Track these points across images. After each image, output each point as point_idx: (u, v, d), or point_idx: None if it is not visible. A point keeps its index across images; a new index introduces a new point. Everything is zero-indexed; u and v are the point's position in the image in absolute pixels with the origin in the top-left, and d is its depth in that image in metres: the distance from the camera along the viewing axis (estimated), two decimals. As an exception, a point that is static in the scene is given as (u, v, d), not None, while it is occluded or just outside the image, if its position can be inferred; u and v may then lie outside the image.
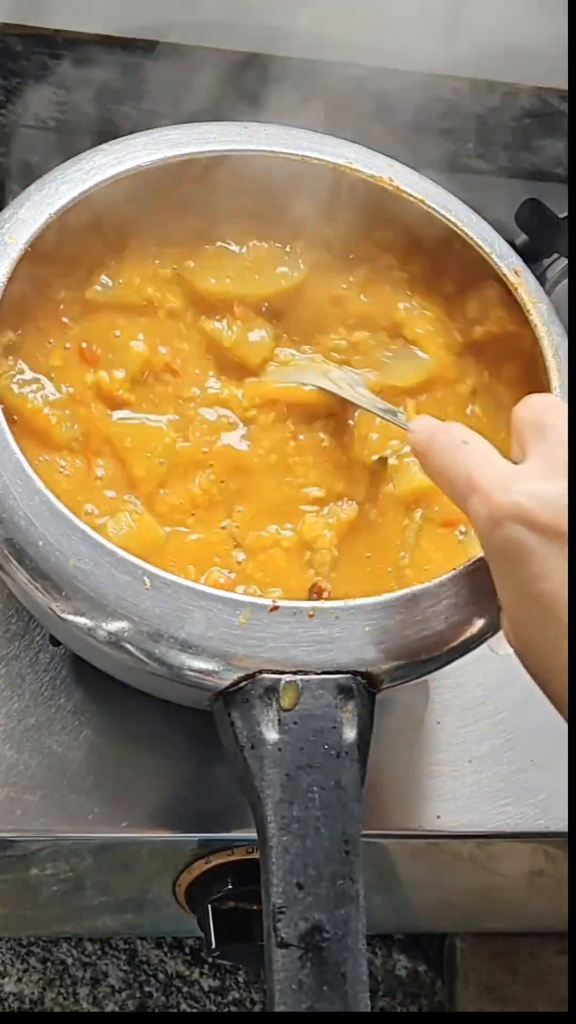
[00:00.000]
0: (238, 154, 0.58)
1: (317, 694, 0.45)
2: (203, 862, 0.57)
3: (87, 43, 0.75)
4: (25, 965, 0.68)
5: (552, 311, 0.58)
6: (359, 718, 0.45)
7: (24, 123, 0.78)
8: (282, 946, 0.41)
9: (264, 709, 0.45)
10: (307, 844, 0.43)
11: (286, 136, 0.60)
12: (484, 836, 0.59)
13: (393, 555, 0.54)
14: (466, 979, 0.71)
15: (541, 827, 0.59)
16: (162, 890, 0.60)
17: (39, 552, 0.46)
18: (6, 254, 0.52)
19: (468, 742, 0.61)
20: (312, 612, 0.46)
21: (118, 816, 0.55)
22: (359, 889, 0.43)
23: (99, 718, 0.57)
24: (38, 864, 0.57)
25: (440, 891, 0.67)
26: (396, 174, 0.60)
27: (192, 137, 0.58)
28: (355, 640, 0.46)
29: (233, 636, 0.45)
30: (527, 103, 0.81)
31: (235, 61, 0.76)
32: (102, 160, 0.56)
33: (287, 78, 0.78)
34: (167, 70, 0.77)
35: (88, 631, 0.46)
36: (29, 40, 0.74)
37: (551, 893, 0.66)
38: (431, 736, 0.61)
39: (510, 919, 0.71)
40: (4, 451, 0.47)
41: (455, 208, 0.60)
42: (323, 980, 0.41)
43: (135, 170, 0.56)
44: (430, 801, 0.59)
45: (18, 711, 0.57)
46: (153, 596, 0.45)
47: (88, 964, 0.69)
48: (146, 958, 0.69)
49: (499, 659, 0.63)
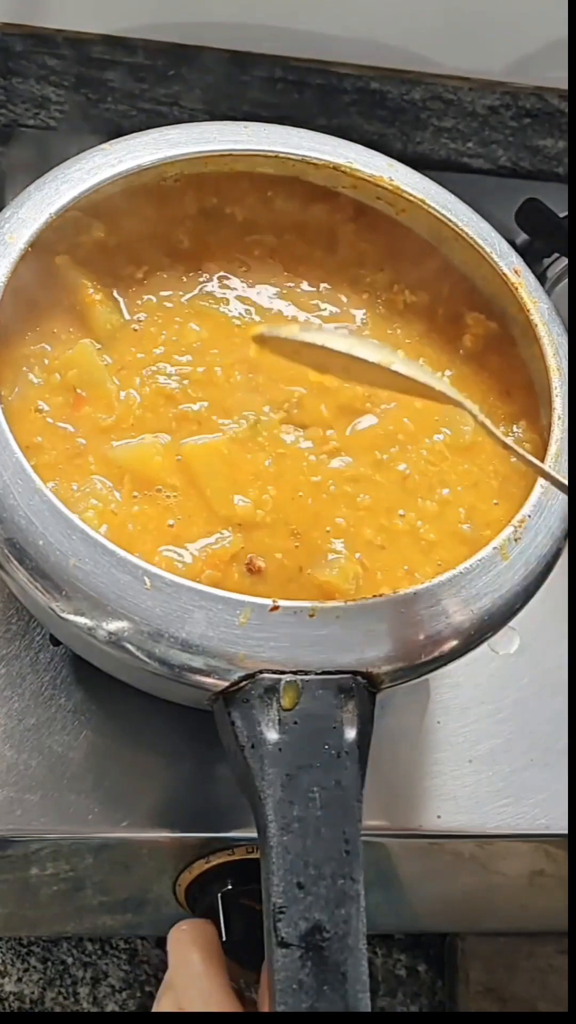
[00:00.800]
0: (238, 154, 0.58)
1: (317, 694, 0.45)
2: (203, 861, 0.57)
3: (87, 43, 0.75)
4: (25, 965, 0.68)
5: (552, 311, 0.58)
6: (359, 718, 0.45)
7: (24, 123, 0.78)
8: (282, 946, 0.41)
9: (264, 709, 0.45)
10: (307, 844, 0.43)
11: (286, 136, 0.60)
12: (484, 836, 0.59)
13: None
14: (466, 979, 0.71)
15: (541, 827, 0.59)
16: (162, 890, 0.60)
17: (39, 552, 0.46)
18: (6, 254, 0.52)
19: (468, 742, 0.61)
20: (312, 612, 0.46)
21: (118, 816, 0.55)
22: (359, 889, 0.43)
23: (99, 718, 0.57)
24: (38, 864, 0.57)
25: (440, 891, 0.67)
26: (396, 174, 0.60)
27: (193, 136, 0.58)
28: (355, 640, 0.46)
29: (233, 636, 0.45)
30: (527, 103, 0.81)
31: (235, 61, 0.76)
32: (102, 160, 0.56)
33: (287, 78, 0.78)
34: (167, 70, 0.77)
35: (88, 631, 0.46)
36: (29, 40, 0.74)
37: (551, 893, 0.66)
38: (431, 736, 0.61)
39: (510, 919, 0.71)
40: (4, 451, 0.47)
41: (455, 208, 0.60)
42: (323, 980, 0.41)
43: (135, 170, 0.56)
44: (430, 801, 0.59)
45: (18, 711, 0.57)
46: (153, 596, 0.45)
47: (88, 964, 0.69)
48: (146, 958, 0.69)
49: (499, 659, 0.64)
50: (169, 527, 0.50)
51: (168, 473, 0.52)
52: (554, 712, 0.63)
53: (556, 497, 0.52)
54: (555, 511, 0.52)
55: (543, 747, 0.61)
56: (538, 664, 0.64)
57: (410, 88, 0.80)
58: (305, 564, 0.50)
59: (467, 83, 0.80)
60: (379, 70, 0.79)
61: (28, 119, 0.78)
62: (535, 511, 0.52)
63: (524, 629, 0.64)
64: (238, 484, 0.52)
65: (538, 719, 0.62)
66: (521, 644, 0.64)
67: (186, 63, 0.76)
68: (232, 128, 0.59)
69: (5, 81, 0.76)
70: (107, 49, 0.75)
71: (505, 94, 0.81)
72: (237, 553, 0.50)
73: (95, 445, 0.52)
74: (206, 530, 0.50)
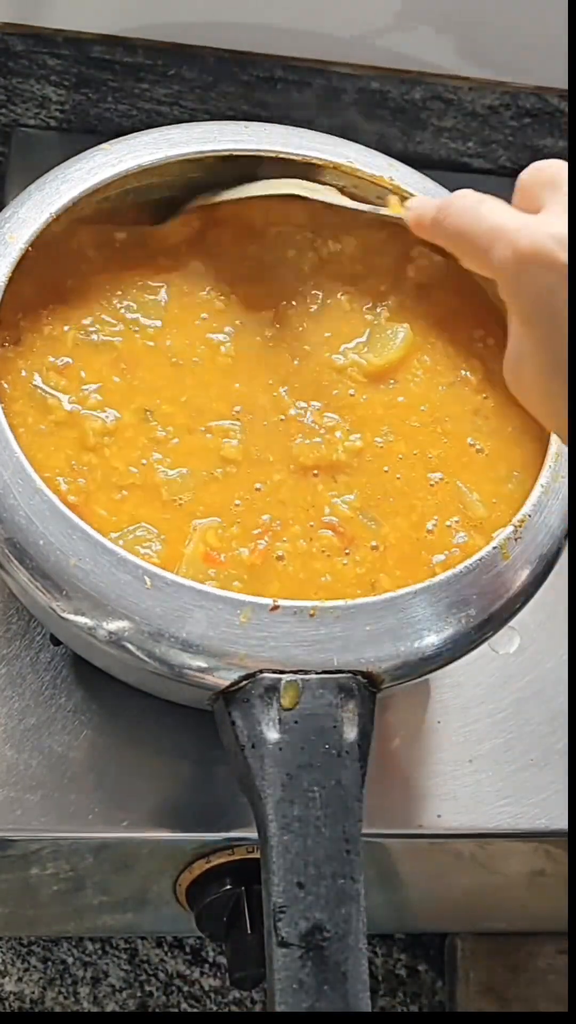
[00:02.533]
0: (238, 153, 0.58)
1: (318, 693, 0.45)
2: (204, 861, 0.57)
3: (87, 43, 0.75)
4: (26, 964, 0.68)
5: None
6: (360, 717, 0.45)
7: (24, 123, 0.78)
8: (283, 945, 0.41)
9: (265, 708, 0.45)
10: (308, 843, 0.43)
11: (286, 136, 0.60)
12: (485, 835, 0.59)
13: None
14: (466, 979, 0.71)
15: (541, 826, 0.59)
16: (162, 889, 0.60)
17: (40, 551, 0.46)
18: (6, 253, 0.52)
19: (468, 742, 0.61)
20: (313, 611, 0.46)
21: (118, 816, 0.55)
22: (360, 888, 0.43)
23: (100, 718, 0.57)
24: (38, 864, 0.57)
25: (441, 890, 0.67)
26: (397, 174, 0.60)
27: (193, 136, 0.58)
28: (355, 640, 0.46)
29: (234, 635, 0.45)
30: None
31: (235, 61, 0.76)
32: (102, 159, 0.56)
33: (287, 78, 0.78)
34: (167, 70, 0.77)
35: (89, 630, 0.46)
36: (29, 40, 0.74)
37: (551, 893, 0.66)
38: (431, 736, 0.61)
39: (510, 919, 0.71)
40: (4, 451, 0.47)
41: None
42: (323, 979, 0.41)
43: (135, 169, 0.56)
44: (431, 800, 0.59)
45: (19, 711, 0.57)
46: (154, 595, 0.45)
47: (89, 963, 0.69)
48: (147, 957, 0.69)
49: (499, 659, 0.64)
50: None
51: None
52: (554, 712, 0.63)
53: (556, 497, 0.52)
54: (555, 511, 0.52)
55: (543, 747, 0.61)
56: (538, 664, 0.64)
57: (410, 88, 0.79)
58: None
59: (467, 83, 0.80)
60: (379, 70, 0.79)
61: (28, 119, 0.78)
62: (535, 511, 0.52)
63: (524, 629, 0.64)
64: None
65: (538, 719, 0.62)
66: (521, 644, 0.64)
67: (186, 63, 0.76)
68: (232, 128, 0.59)
69: (5, 81, 0.76)
70: (107, 49, 0.75)
71: (505, 94, 0.81)
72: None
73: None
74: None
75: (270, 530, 0.51)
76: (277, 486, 0.53)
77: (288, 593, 0.49)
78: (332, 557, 0.52)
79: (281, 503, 0.52)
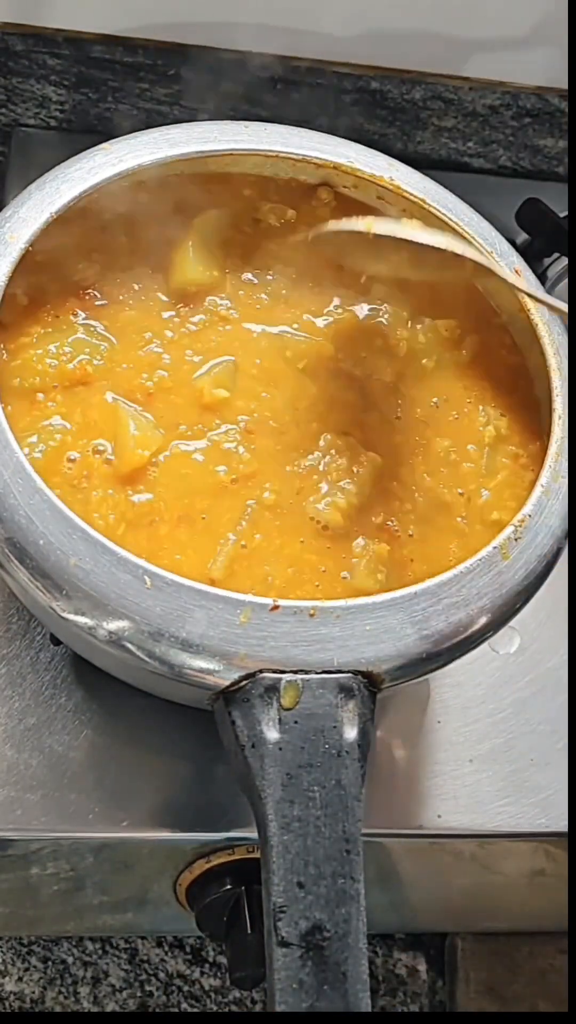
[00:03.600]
0: (239, 153, 0.58)
1: (318, 693, 0.45)
2: (204, 861, 0.57)
3: (87, 43, 0.75)
4: (26, 964, 0.68)
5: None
6: (360, 717, 0.45)
7: (24, 123, 0.78)
8: (283, 945, 0.41)
9: (265, 708, 0.45)
10: (308, 843, 0.43)
11: (287, 136, 0.60)
12: (485, 835, 0.59)
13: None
14: (467, 978, 0.71)
15: (541, 826, 0.59)
16: (163, 889, 0.60)
17: (40, 551, 0.46)
18: (7, 253, 0.52)
19: (468, 742, 0.61)
20: (313, 611, 0.46)
21: (118, 815, 0.55)
22: (360, 888, 0.43)
23: (100, 718, 0.57)
24: (39, 863, 0.57)
25: (441, 890, 0.67)
26: (397, 174, 0.60)
27: (193, 136, 0.58)
28: (355, 640, 0.46)
29: (234, 635, 0.45)
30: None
31: (235, 61, 0.76)
32: (102, 159, 0.56)
33: (287, 78, 0.78)
34: (167, 70, 0.77)
35: (89, 630, 0.46)
36: (29, 40, 0.74)
37: (551, 892, 0.66)
38: (431, 736, 0.61)
39: (510, 918, 0.71)
40: (4, 450, 0.47)
41: (455, 208, 0.60)
42: (324, 979, 0.41)
43: (135, 169, 0.56)
44: (431, 800, 0.59)
45: (19, 710, 0.57)
46: (154, 595, 0.45)
47: (89, 963, 0.69)
48: (147, 957, 0.69)
49: (499, 659, 0.64)
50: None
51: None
52: (554, 712, 0.63)
53: (556, 497, 0.52)
54: (555, 511, 0.52)
55: (543, 747, 0.61)
56: (538, 664, 0.64)
57: (410, 88, 0.80)
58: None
59: (467, 83, 0.80)
60: (379, 70, 0.79)
61: (28, 119, 0.78)
62: (535, 511, 0.52)
63: (524, 629, 0.64)
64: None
65: (538, 719, 0.62)
66: (521, 644, 0.64)
67: (186, 63, 0.76)
68: (232, 128, 0.59)
69: (5, 81, 0.76)
70: (107, 49, 0.75)
71: (505, 94, 0.81)
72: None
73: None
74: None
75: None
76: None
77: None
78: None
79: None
